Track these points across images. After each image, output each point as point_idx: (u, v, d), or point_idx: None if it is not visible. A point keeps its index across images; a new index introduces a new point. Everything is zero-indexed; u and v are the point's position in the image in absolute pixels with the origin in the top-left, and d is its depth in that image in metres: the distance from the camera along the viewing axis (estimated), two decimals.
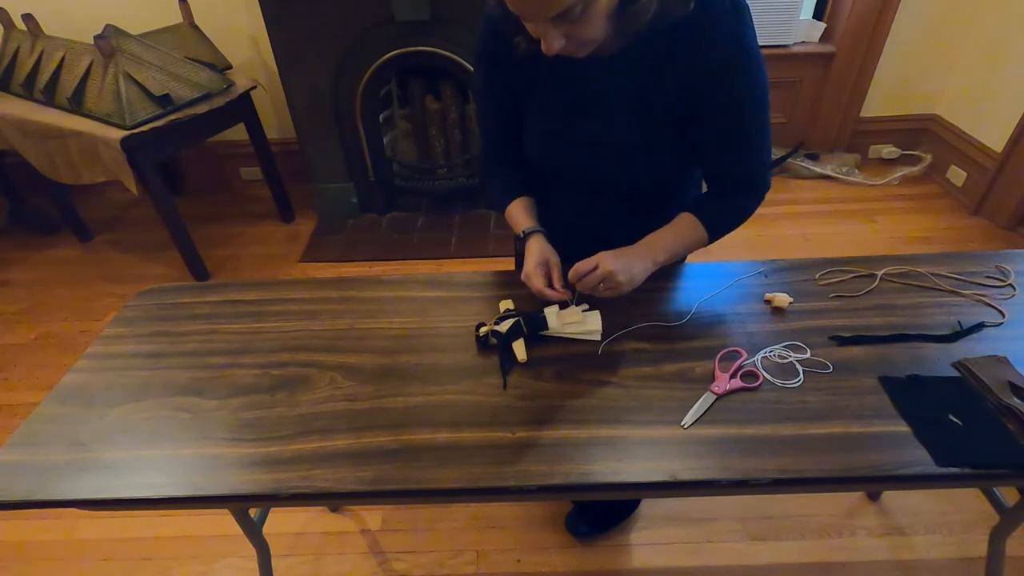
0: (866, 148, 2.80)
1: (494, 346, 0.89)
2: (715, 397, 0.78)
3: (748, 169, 0.91)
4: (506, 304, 0.97)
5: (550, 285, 0.91)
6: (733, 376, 0.81)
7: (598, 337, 0.90)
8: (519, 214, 1.00)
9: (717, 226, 0.94)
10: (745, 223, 0.95)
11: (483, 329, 0.89)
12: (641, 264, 0.88)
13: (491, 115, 1.00)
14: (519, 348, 0.87)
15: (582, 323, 0.90)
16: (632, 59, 0.81)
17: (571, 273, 0.88)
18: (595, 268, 0.86)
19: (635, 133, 0.88)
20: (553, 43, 0.71)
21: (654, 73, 0.83)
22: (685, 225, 0.93)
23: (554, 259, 0.93)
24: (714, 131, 0.87)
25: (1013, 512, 1.03)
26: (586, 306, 0.93)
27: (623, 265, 0.85)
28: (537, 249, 0.94)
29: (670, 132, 0.88)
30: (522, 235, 0.98)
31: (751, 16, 0.79)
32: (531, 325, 0.90)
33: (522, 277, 0.93)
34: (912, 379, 0.79)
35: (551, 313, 0.91)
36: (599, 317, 0.91)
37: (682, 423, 0.75)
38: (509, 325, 0.89)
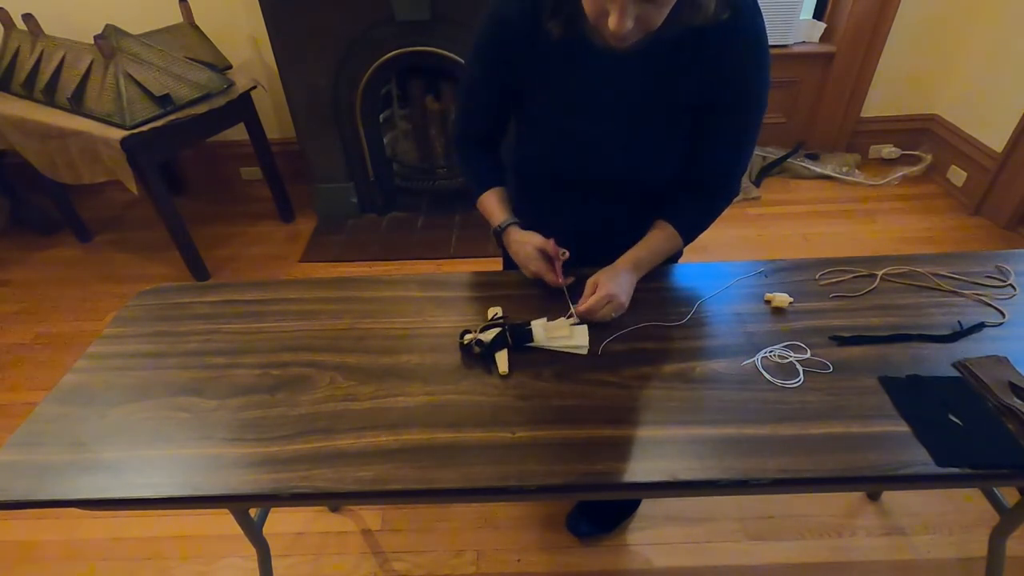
0: (866, 148, 2.80)
1: (478, 355, 0.87)
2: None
3: (730, 172, 0.92)
4: (494, 310, 0.95)
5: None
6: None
7: (585, 352, 0.87)
8: (495, 205, 1.03)
9: (693, 232, 0.98)
10: (746, 223, 0.96)
11: (467, 337, 0.87)
12: (628, 278, 0.93)
13: (481, 102, 0.98)
14: (502, 360, 0.85)
15: (569, 337, 0.88)
16: (650, 57, 0.80)
17: (583, 311, 0.89)
18: (596, 293, 0.89)
19: (649, 132, 0.88)
20: (627, 21, 0.69)
21: (674, 71, 0.81)
22: (662, 236, 0.95)
23: (551, 246, 0.95)
24: (713, 130, 0.87)
25: (1013, 512, 1.03)
26: (575, 320, 0.91)
27: (619, 285, 0.89)
28: (530, 235, 0.97)
29: (682, 131, 0.88)
30: (500, 227, 1.01)
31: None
32: (516, 336, 0.87)
33: (522, 259, 0.96)
34: (912, 379, 0.79)
35: (538, 325, 0.89)
36: (587, 331, 0.89)
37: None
38: (494, 335, 0.86)
